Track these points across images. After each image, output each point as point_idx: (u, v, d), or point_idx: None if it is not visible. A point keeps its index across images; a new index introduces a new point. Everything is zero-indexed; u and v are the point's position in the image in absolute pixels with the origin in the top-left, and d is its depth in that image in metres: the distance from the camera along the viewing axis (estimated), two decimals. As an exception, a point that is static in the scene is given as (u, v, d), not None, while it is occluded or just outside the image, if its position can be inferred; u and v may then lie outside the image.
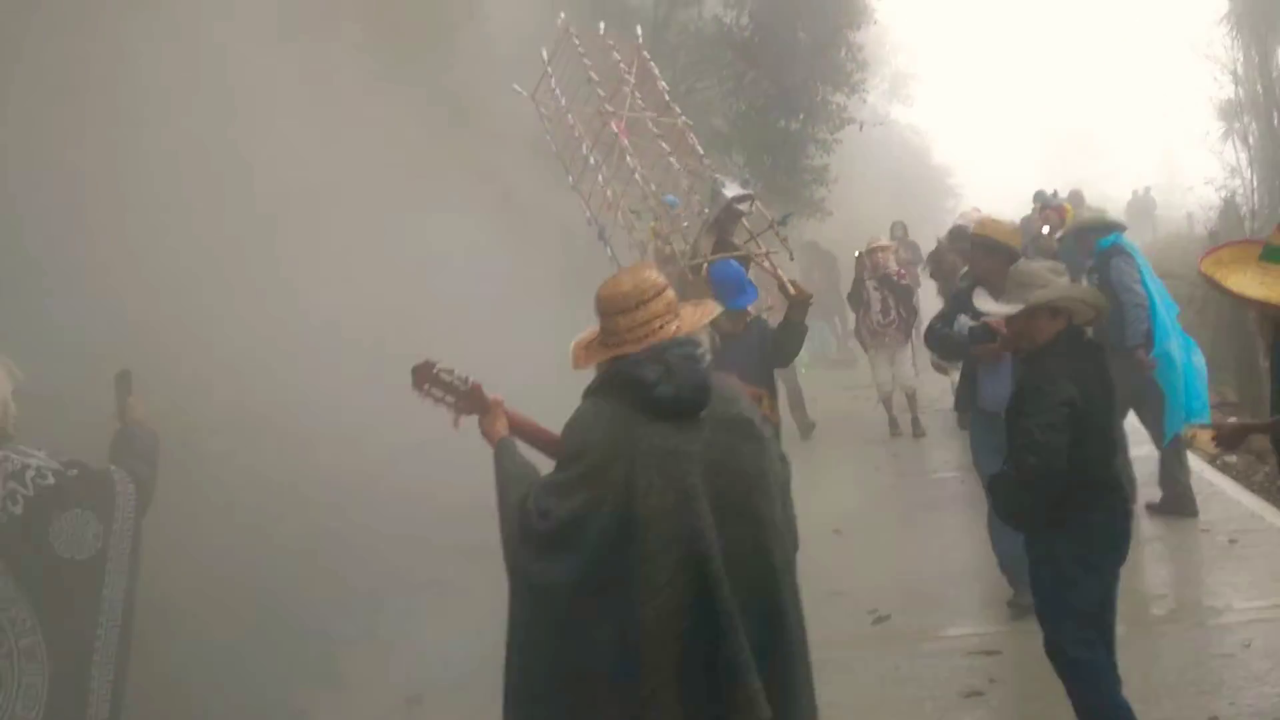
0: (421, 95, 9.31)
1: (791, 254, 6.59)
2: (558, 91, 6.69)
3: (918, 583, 6.58)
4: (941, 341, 6.12)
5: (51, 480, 3.22)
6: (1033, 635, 5.20)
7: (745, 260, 5.98)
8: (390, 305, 7.08)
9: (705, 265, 5.79)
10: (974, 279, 5.89)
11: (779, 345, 6.09)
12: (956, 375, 6.88)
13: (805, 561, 6.88)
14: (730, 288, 5.80)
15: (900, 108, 36.34)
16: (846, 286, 11.91)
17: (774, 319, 6.62)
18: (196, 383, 5.89)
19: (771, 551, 3.07)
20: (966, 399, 6.09)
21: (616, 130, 6.46)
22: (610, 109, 6.52)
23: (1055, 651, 4.22)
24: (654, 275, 3.16)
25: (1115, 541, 4.23)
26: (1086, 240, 7.27)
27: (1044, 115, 54.21)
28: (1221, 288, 4.36)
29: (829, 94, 15.57)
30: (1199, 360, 6.81)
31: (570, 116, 6.62)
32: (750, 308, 6.17)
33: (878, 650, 5.86)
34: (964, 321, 5.80)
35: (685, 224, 6.10)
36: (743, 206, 5.92)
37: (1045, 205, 12.39)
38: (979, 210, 13.94)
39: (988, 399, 5.82)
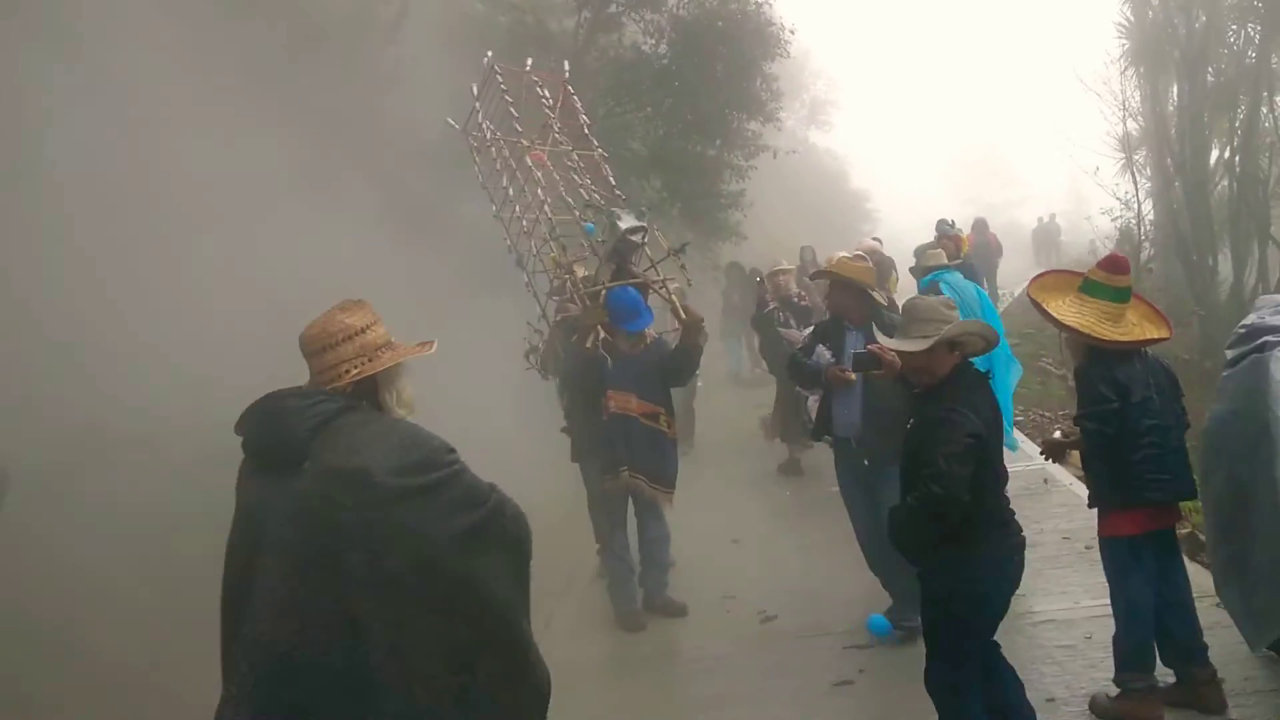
0: (327, 107, 9.32)
1: (690, 280, 7.03)
2: (485, 125, 7.07)
3: (804, 585, 7.02)
4: (801, 371, 6.21)
5: None
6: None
7: (643, 286, 6.36)
8: (282, 313, 7.21)
9: (603, 292, 6.21)
10: (830, 313, 6.21)
11: (674, 366, 6.50)
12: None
13: (704, 570, 7.40)
14: (626, 312, 6.20)
15: (818, 133, 37.40)
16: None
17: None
18: (76, 398, 5.89)
19: (351, 601, 2.83)
20: (822, 427, 6.24)
21: (532, 162, 6.89)
22: (526, 143, 6.94)
23: (936, 686, 4.29)
24: (347, 319, 3.01)
25: (1008, 574, 4.24)
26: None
27: (960, 143, 55.63)
28: (1042, 310, 4.89)
29: (744, 122, 15.87)
30: (1014, 378, 7.82)
31: (494, 150, 7.01)
32: (649, 330, 6.56)
33: (763, 646, 6.34)
34: (822, 352, 6.01)
35: (590, 253, 6.54)
36: (636, 238, 6.24)
37: (943, 235, 13.00)
38: (879, 241, 14.58)
39: (840, 425, 6.04)
